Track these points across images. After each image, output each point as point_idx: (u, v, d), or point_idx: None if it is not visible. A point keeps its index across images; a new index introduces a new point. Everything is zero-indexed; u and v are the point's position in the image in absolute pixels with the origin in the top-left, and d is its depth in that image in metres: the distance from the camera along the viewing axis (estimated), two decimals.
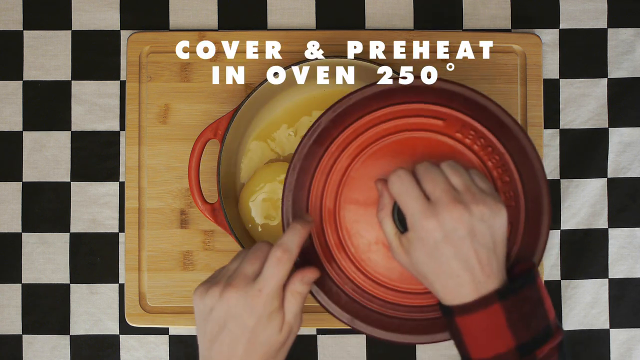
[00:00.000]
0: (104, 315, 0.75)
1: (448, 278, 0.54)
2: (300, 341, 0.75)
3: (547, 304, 0.56)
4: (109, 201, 0.75)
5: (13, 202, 0.75)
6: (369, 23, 0.76)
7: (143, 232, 0.74)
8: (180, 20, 0.76)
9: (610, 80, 0.76)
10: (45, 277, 0.75)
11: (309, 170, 0.61)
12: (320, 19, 0.76)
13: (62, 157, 0.75)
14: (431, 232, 0.54)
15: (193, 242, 0.74)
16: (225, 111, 0.74)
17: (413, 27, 0.76)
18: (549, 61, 0.76)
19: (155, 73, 0.75)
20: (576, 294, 0.75)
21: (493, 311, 0.54)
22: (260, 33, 0.75)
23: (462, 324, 0.55)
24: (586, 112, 0.76)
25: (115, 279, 0.75)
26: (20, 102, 0.76)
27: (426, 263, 0.55)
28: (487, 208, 0.54)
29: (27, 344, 0.75)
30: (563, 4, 0.76)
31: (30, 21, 0.76)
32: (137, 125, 0.74)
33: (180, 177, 0.74)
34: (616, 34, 0.76)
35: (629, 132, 0.76)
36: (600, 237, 0.76)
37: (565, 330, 0.75)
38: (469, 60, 0.75)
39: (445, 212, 0.54)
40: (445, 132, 0.60)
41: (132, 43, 0.75)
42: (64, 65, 0.76)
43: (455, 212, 0.53)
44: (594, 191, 0.76)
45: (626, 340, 0.75)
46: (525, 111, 0.75)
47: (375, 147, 0.61)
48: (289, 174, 0.61)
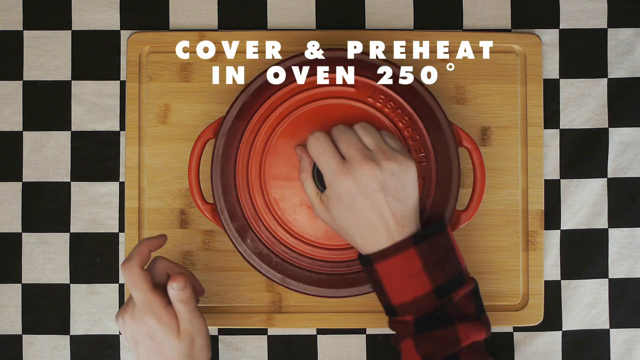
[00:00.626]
0: (104, 315, 0.75)
1: (366, 230, 0.59)
2: (300, 341, 0.75)
3: (458, 253, 0.61)
4: (109, 201, 0.75)
5: (13, 202, 0.75)
6: (369, 23, 0.76)
7: (143, 232, 0.74)
8: (180, 20, 0.76)
9: (610, 80, 0.76)
10: (45, 277, 0.75)
11: (233, 143, 0.67)
12: (320, 19, 0.76)
13: (62, 157, 0.75)
14: (347, 188, 0.59)
15: (193, 242, 0.74)
16: (225, 111, 0.74)
17: (413, 27, 0.76)
18: (549, 61, 0.76)
19: (155, 73, 0.75)
20: (576, 294, 0.75)
21: (409, 255, 0.58)
22: (260, 33, 0.75)
23: (381, 270, 0.59)
24: (586, 112, 0.76)
25: (115, 279, 0.75)
26: (20, 102, 0.76)
27: (345, 217, 0.60)
28: (397, 164, 0.59)
29: (27, 344, 0.75)
30: (563, 4, 0.76)
31: (30, 21, 0.76)
32: (137, 125, 0.74)
33: (180, 177, 0.74)
34: (616, 34, 0.76)
35: (629, 132, 0.76)
36: (600, 237, 0.76)
37: (565, 330, 0.75)
38: (469, 60, 0.75)
39: (358, 169, 0.59)
40: (357, 98, 0.67)
41: (132, 43, 0.75)
42: (64, 65, 0.76)
43: (367, 169, 0.58)
44: (594, 191, 0.76)
45: (626, 340, 0.75)
46: (525, 111, 0.75)
47: (294, 116, 0.67)
48: (216, 147, 0.67)
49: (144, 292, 0.60)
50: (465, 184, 0.74)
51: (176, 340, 0.61)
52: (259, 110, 0.67)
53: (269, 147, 0.67)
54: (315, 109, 0.67)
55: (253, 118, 0.67)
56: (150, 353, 0.61)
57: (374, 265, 0.59)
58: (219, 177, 0.67)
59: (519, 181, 0.75)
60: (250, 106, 0.67)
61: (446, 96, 0.74)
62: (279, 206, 0.67)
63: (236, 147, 0.67)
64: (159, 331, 0.61)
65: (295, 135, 0.67)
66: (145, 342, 0.61)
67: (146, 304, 0.61)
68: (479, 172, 0.69)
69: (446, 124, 0.67)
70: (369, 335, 0.75)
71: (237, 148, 0.67)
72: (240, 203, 0.67)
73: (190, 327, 0.61)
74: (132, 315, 0.61)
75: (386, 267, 0.59)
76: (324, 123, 0.67)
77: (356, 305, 0.74)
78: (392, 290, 0.59)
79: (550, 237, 0.75)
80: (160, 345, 0.61)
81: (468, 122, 0.75)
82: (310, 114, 0.67)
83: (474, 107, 0.75)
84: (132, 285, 0.60)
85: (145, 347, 0.61)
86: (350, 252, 0.67)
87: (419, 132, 0.67)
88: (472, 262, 0.74)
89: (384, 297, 0.61)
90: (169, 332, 0.61)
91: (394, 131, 0.66)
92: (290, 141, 0.67)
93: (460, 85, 0.75)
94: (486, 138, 0.75)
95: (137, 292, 0.60)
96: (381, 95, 0.67)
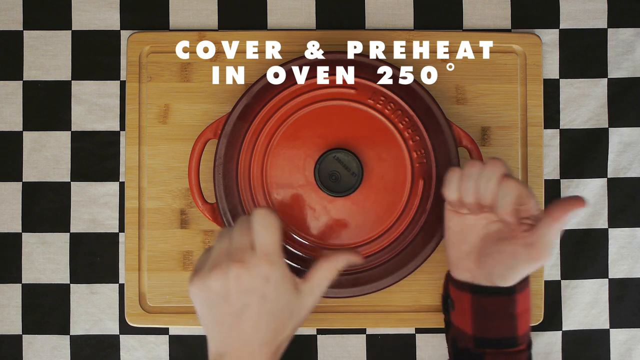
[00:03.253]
0: (104, 315, 0.75)
1: None
2: (300, 341, 0.75)
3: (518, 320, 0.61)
4: (109, 201, 0.75)
5: (13, 202, 0.75)
6: (369, 23, 0.76)
7: (143, 232, 0.74)
8: (180, 20, 0.76)
9: (610, 80, 0.76)
10: (45, 277, 0.75)
11: (235, 144, 0.67)
12: (320, 19, 0.76)
13: (62, 157, 0.75)
14: None
15: (193, 242, 0.74)
16: (225, 111, 0.74)
17: (413, 27, 0.76)
18: (549, 61, 0.76)
19: (155, 73, 0.75)
20: (576, 294, 0.75)
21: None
22: (260, 33, 0.75)
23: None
24: (586, 112, 0.76)
25: (115, 279, 0.75)
26: (20, 102, 0.76)
27: None
28: None
29: (27, 344, 0.75)
30: (563, 4, 0.76)
31: (30, 21, 0.76)
32: (137, 125, 0.74)
33: (180, 177, 0.74)
34: (616, 34, 0.76)
35: (629, 132, 0.76)
36: (600, 237, 0.76)
37: (565, 330, 0.75)
38: (469, 60, 0.75)
39: None
40: (358, 100, 0.67)
41: (132, 43, 0.75)
42: (64, 65, 0.76)
43: None
44: (594, 191, 0.76)
45: (626, 340, 0.75)
46: (525, 111, 0.75)
47: (295, 118, 0.67)
48: (218, 148, 0.68)
49: (277, 238, 0.54)
50: None
51: (294, 294, 0.54)
52: (260, 111, 0.67)
53: (271, 148, 0.67)
54: (316, 110, 0.67)
55: (255, 119, 0.67)
56: (259, 317, 0.52)
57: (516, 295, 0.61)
58: (222, 178, 0.68)
59: None
60: (252, 108, 0.68)
61: (446, 96, 0.74)
62: (281, 207, 0.67)
63: (238, 148, 0.67)
64: (281, 285, 0.53)
65: (297, 136, 0.67)
66: (253, 304, 0.52)
67: (278, 250, 0.54)
68: None
69: (446, 125, 0.67)
70: (369, 335, 0.75)
71: (239, 149, 0.67)
72: (243, 204, 0.68)
73: (316, 287, 0.55)
74: (248, 269, 0.52)
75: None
76: (325, 124, 0.67)
77: (356, 305, 0.74)
78: None
79: None
80: (276, 303, 0.53)
81: (468, 122, 0.75)
82: (312, 115, 0.67)
83: (474, 107, 0.75)
84: (267, 228, 0.53)
85: (253, 310, 0.52)
86: None
87: (419, 133, 0.67)
88: None
89: None
90: (291, 285, 0.54)
91: (395, 133, 0.67)
92: (291, 142, 0.67)
93: (460, 85, 0.75)
94: (486, 138, 0.75)
95: (272, 237, 0.53)
96: (381, 97, 0.67)
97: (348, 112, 0.67)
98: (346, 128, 0.67)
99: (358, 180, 0.65)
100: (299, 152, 0.67)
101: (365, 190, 0.67)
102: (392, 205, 0.68)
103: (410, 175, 0.67)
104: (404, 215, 0.68)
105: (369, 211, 0.67)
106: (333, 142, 0.67)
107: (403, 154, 0.67)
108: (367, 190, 0.67)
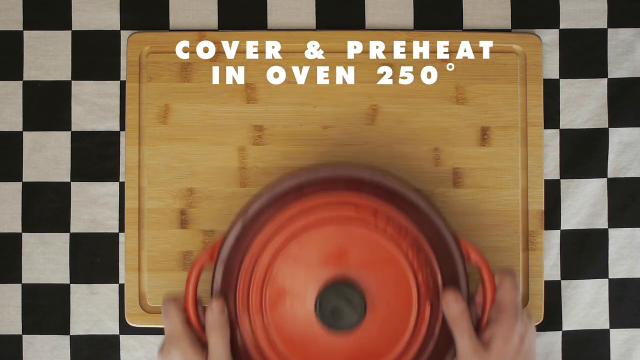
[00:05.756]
0: (104, 315, 0.75)
1: None
2: None
3: None
4: (109, 201, 0.75)
5: (13, 202, 0.75)
6: (369, 23, 0.76)
7: (143, 232, 0.74)
8: (180, 20, 0.76)
9: (610, 80, 0.76)
10: (45, 277, 0.75)
11: (232, 274, 0.63)
12: (320, 19, 0.76)
13: (62, 157, 0.75)
14: None
15: (193, 242, 0.74)
16: (225, 111, 0.74)
17: (413, 27, 0.76)
18: (549, 61, 0.76)
19: (155, 73, 0.75)
20: (576, 294, 0.75)
21: None
22: (260, 33, 0.75)
23: None
24: (586, 112, 0.76)
25: (115, 279, 0.75)
26: (20, 102, 0.76)
27: None
28: None
29: (27, 344, 0.75)
30: (563, 4, 0.76)
31: (30, 21, 0.76)
32: (137, 125, 0.74)
33: (180, 177, 0.74)
34: (616, 34, 0.76)
35: (629, 132, 0.76)
36: (600, 237, 0.76)
37: (565, 330, 0.75)
38: (469, 60, 0.75)
39: None
40: (357, 221, 0.62)
41: (132, 43, 0.75)
42: (64, 65, 0.76)
43: None
44: (594, 191, 0.76)
45: (626, 340, 0.75)
46: (525, 111, 0.75)
47: (291, 247, 0.62)
48: (214, 279, 0.63)
49: (174, 323, 0.59)
50: None
51: None
52: (256, 237, 0.62)
53: (268, 280, 0.62)
54: (315, 235, 0.62)
55: (251, 245, 0.62)
56: None
57: None
58: None
59: (519, 181, 0.75)
60: (247, 233, 0.62)
61: (446, 96, 0.74)
62: (282, 340, 0.63)
63: (235, 277, 0.62)
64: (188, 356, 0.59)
65: (299, 259, 0.62)
66: None
67: (174, 335, 0.59)
68: (489, 290, 0.63)
69: (452, 241, 0.62)
70: None
71: (237, 278, 0.62)
72: (243, 339, 0.63)
73: None
74: (160, 347, 0.61)
75: None
76: (324, 249, 0.62)
77: None
78: None
79: (550, 237, 0.75)
80: None
81: (468, 122, 0.75)
82: (310, 240, 0.62)
83: (474, 107, 0.75)
84: (165, 317, 0.60)
85: None
86: None
87: (424, 252, 0.62)
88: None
89: None
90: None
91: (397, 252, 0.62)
92: (287, 278, 0.62)
93: (460, 85, 0.75)
94: (486, 138, 0.75)
95: (166, 322, 0.60)
96: (383, 215, 0.62)
97: (347, 235, 0.62)
98: (346, 253, 0.62)
99: (361, 315, 0.60)
100: (298, 281, 0.62)
101: (370, 320, 0.62)
102: (397, 333, 0.62)
103: (417, 299, 0.62)
104: (412, 342, 0.63)
105: (374, 340, 0.62)
106: (333, 269, 0.62)
107: (408, 277, 0.62)
108: (371, 320, 0.62)
